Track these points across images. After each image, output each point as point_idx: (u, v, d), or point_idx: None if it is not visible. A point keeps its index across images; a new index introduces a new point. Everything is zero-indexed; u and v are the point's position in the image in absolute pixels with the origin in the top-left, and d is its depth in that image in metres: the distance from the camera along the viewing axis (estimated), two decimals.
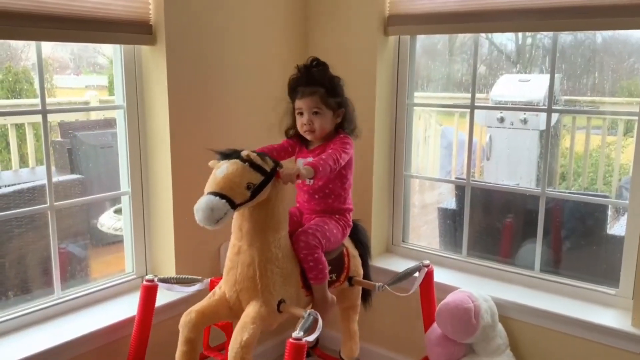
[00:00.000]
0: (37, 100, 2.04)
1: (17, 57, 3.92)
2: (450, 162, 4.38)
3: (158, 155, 2.31)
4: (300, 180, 1.82)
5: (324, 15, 2.71)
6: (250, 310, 1.79)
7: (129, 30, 2.12)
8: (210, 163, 1.80)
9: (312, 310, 1.76)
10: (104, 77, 4.53)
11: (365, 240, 2.27)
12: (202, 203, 1.64)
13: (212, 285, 2.08)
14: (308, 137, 2.07)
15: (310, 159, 2.00)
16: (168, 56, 2.20)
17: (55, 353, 1.95)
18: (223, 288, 1.90)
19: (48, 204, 2.11)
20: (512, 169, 3.94)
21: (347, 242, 2.16)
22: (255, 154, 1.75)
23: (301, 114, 2.05)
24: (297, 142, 2.13)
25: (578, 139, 3.87)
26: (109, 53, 4.01)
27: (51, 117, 3.09)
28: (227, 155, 1.77)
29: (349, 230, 2.14)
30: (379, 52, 2.57)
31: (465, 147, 4.09)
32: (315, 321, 1.70)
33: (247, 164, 1.72)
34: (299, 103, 2.04)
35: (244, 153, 1.75)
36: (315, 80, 2.04)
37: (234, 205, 1.67)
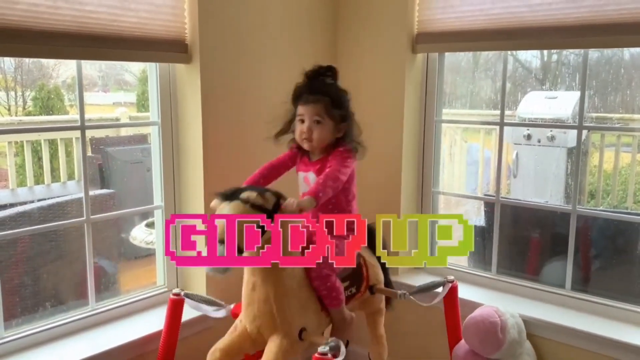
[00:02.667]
0: (70, 117, 2.11)
1: (48, 75, 4.04)
2: (476, 179, 4.37)
3: (191, 170, 2.36)
4: (303, 213, 1.77)
5: (353, 32, 2.75)
6: (272, 346, 1.79)
7: (165, 49, 2.18)
8: (212, 205, 1.79)
9: (334, 338, 1.73)
10: (132, 94, 4.64)
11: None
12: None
13: (234, 314, 2.07)
14: (305, 145, 2.02)
15: (311, 175, 2.00)
16: (202, 74, 2.25)
17: None
18: (244, 322, 1.89)
19: (85, 217, 2.17)
20: (539, 186, 3.92)
21: (365, 252, 2.14)
22: (255, 194, 1.72)
23: (302, 121, 2.00)
24: (297, 152, 2.10)
25: (607, 157, 3.83)
26: (136, 70, 4.12)
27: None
28: (227, 196, 1.74)
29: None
30: (407, 69, 2.60)
31: (491, 163, 4.09)
32: (337, 347, 1.68)
33: (248, 205, 1.69)
34: (302, 109, 2.00)
35: (243, 195, 1.71)
36: (321, 89, 2.00)
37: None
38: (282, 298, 1.81)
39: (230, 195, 1.73)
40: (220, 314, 2.13)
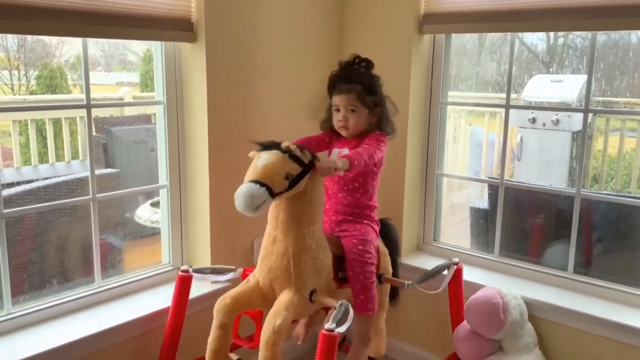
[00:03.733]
0: (74, 96, 2.10)
1: (51, 54, 4.03)
2: (480, 163, 4.36)
3: (196, 149, 2.37)
4: (337, 173, 1.85)
5: (360, 13, 2.74)
6: (284, 298, 1.83)
7: (171, 28, 2.17)
8: (251, 154, 1.85)
9: (344, 301, 1.79)
10: (135, 73, 4.63)
11: (395, 238, 2.30)
12: (243, 190, 1.69)
13: (244, 275, 2.13)
14: (342, 133, 2.12)
15: (345, 150, 2.04)
16: (208, 53, 2.25)
17: (95, 340, 2.02)
18: (257, 276, 1.94)
19: (90, 196, 2.18)
20: (543, 170, 3.92)
21: (378, 240, 2.19)
22: (294, 146, 1.79)
23: (338, 110, 2.09)
24: (333, 134, 2.17)
25: (611, 142, 3.82)
26: (139, 50, 4.11)
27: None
28: (267, 146, 1.81)
29: (378, 228, 2.16)
30: (413, 50, 2.59)
31: (495, 147, 4.08)
32: (347, 312, 1.73)
33: (286, 155, 1.77)
34: (336, 99, 2.08)
35: (283, 144, 1.79)
36: (353, 78, 2.07)
37: (272, 194, 1.71)
38: (300, 254, 1.86)
39: (269, 146, 1.80)
40: (231, 275, 2.17)
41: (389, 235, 2.27)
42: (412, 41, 2.58)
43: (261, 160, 1.77)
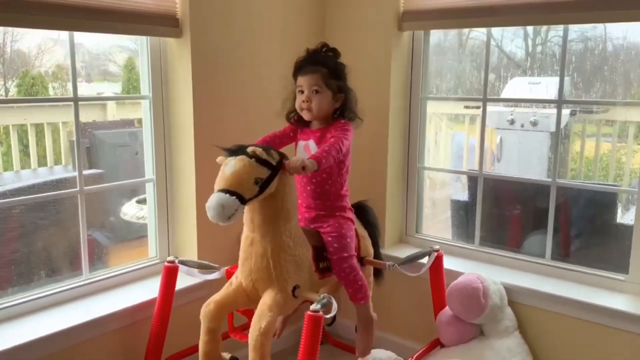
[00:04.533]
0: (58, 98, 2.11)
1: (30, 64, 4.03)
2: (461, 165, 4.45)
3: (182, 143, 2.41)
4: (304, 172, 1.84)
5: (340, 10, 2.81)
6: (267, 299, 1.85)
7: (156, 23, 2.22)
8: (218, 159, 1.85)
9: (326, 294, 1.81)
10: (116, 84, 4.64)
11: (373, 219, 2.32)
12: (213, 201, 1.69)
13: (228, 275, 2.15)
14: (305, 116, 2.09)
15: (311, 142, 2.07)
16: (193, 48, 2.30)
17: (82, 330, 2.05)
18: (239, 278, 1.96)
19: (78, 188, 2.21)
20: (523, 170, 4.00)
21: (356, 224, 2.21)
22: (260, 149, 1.78)
23: (302, 92, 2.07)
24: (298, 126, 2.17)
25: (588, 146, 3.92)
26: (120, 59, 4.14)
27: (69, 118, 3.21)
28: (233, 151, 1.80)
29: (352, 215, 2.18)
30: (393, 47, 2.66)
31: (475, 151, 4.15)
32: (330, 303, 1.76)
33: (253, 159, 1.76)
34: (301, 80, 2.07)
35: (249, 149, 1.78)
36: (319, 61, 2.08)
37: (243, 201, 1.71)
38: (279, 254, 1.88)
39: (236, 151, 1.80)
40: (215, 275, 2.20)
41: (367, 218, 2.29)
42: (392, 38, 2.65)
43: (229, 167, 1.76)
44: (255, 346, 1.76)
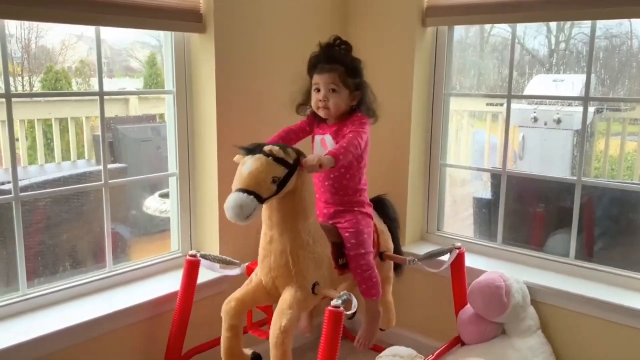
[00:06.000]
0: (78, 98, 2.13)
1: (54, 59, 4.09)
2: (482, 163, 4.41)
3: (205, 138, 2.42)
4: (322, 170, 1.84)
5: (363, 5, 2.80)
6: (287, 296, 1.86)
7: (180, 18, 2.24)
8: (235, 158, 1.85)
9: (345, 291, 1.80)
10: (137, 80, 4.70)
11: (393, 213, 2.32)
12: (231, 201, 1.69)
13: (249, 271, 2.16)
14: (321, 114, 2.07)
15: (328, 137, 2.06)
16: (216, 44, 2.31)
17: (105, 321, 2.08)
18: (259, 275, 1.97)
19: (103, 182, 2.24)
20: (545, 169, 3.95)
21: (375, 219, 2.19)
22: (277, 148, 1.78)
23: (318, 90, 2.06)
24: (314, 120, 2.16)
25: (613, 145, 3.86)
26: (142, 56, 4.18)
27: (92, 112, 3.24)
28: (250, 150, 1.80)
29: (371, 210, 2.17)
30: (417, 42, 2.65)
31: (496, 149, 4.11)
32: (350, 301, 1.76)
33: (270, 158, 1.75)
34: (317, 78, 2.05)
35: (266, 148, 1.78)
36: (336, 59, 2.05)
37: (261, 200, 1.72)
38: (298, 251, 1.88)
39: (253, 150, 1.80)
40: (236, 271, 2.21)
41: (386, 212, 2.28)
42: (416, 33, 2.64)
43: (246, 166, 1.76)
44: (277, 343, 1.77)
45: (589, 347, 2.30)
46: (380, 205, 2.27)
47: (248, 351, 1.98)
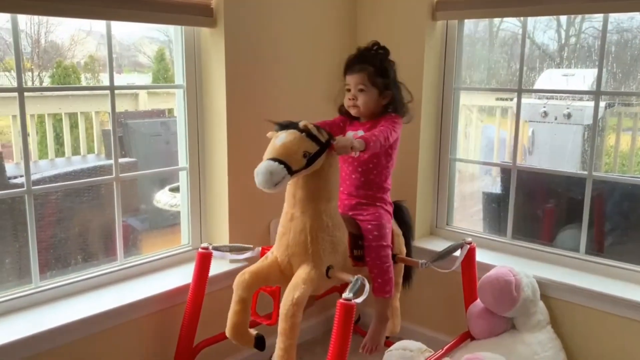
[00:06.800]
0: (88, 92, 2.14)
1: (63, 55, 4.11)
2: (491, 159, 4.39)
3: (215, 132, 2.43)
4: (353, 152, 1.89)
5: (373, 0, 2.79)
6: (302, 272, 1.89)
7: (192, 13, 2.24)
8: (269, 134, 1.90)
9: (360, 275, 1.83)
10: (146, 75, 4.71)
11: (409, 220, 2.35)
12: (262, 167, 1.73)
13: (262, 253, 2.17)
14: (352, 112, 2.15)
15: (360, 132, 2.08)
16: (226, 38, 2.31)
17: (117, 314, 2.09)
18: (275, 253, 2.00)
19: (114, 175, 2.25)
20: (555, 164, 3.93)
21: (392, 221, 2.23)
22: (312, 125, 1.84)
23: (349, 90, 2.14)
24: (348, 118, 2.22)
25: (624, 140, 3.83)
26: (150, 51, 4.19)
27: (102, 107, 3.25)
28: (285, 126, 1.86)
29: (392, 210, 2.21)
30: (427, 37, 2.64)
31: (505, 144, 4.09)
32: (363, 286, 1.78)
33: (304, 133, 1.81)
34: (348, 79, 2.14)
35: (301, 123, 1.84)
36: (366, 59, 2.12)
37: (291, 171, 1.75)
38: (317, 231, 1.91)
39: (287, 125, 1.86)
40: (250, 254, 2.24)
41: (402, 218, 2.31)
42: (426, 27, 2.63)
43: (280, 139, 1.81)
44: (287, 315, 1.79)
45: (599, 342, 2.30)
46: (398, 210, 2.29)
47: (253, 332, 2.00)
